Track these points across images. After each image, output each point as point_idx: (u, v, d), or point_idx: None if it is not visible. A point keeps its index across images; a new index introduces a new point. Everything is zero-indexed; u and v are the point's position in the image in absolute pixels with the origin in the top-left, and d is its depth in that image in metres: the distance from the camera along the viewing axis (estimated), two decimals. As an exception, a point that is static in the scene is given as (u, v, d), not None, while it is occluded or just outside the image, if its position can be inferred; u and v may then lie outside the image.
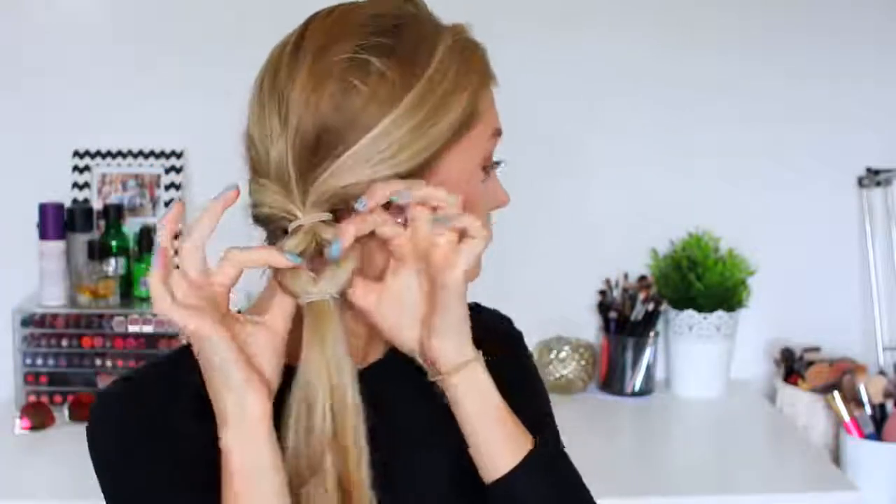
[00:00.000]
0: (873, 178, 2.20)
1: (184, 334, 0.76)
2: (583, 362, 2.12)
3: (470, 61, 0.83)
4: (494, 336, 0.92)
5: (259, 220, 0.83)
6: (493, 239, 0.88)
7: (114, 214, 2.01)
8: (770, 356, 2.23)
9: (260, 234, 0.84)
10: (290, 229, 0.79)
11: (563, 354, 2.12)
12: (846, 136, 2.20)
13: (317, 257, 0.80)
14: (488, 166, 0.86)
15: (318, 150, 0.79)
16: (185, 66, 2.06)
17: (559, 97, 2.13)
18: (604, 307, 2.16)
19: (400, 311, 0.83)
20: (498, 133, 0.86)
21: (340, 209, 0.80)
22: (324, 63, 0.79)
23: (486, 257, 0.90)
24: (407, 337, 0.84)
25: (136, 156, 2.08)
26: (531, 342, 2.02)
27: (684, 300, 2.13)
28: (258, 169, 0.81)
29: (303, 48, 0.81)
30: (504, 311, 1.06)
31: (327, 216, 0.79)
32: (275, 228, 0.82)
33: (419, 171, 0.80)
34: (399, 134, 0.79)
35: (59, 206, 1.97)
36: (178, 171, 2.08)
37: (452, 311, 0.81)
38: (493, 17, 2.10)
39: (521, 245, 2.13)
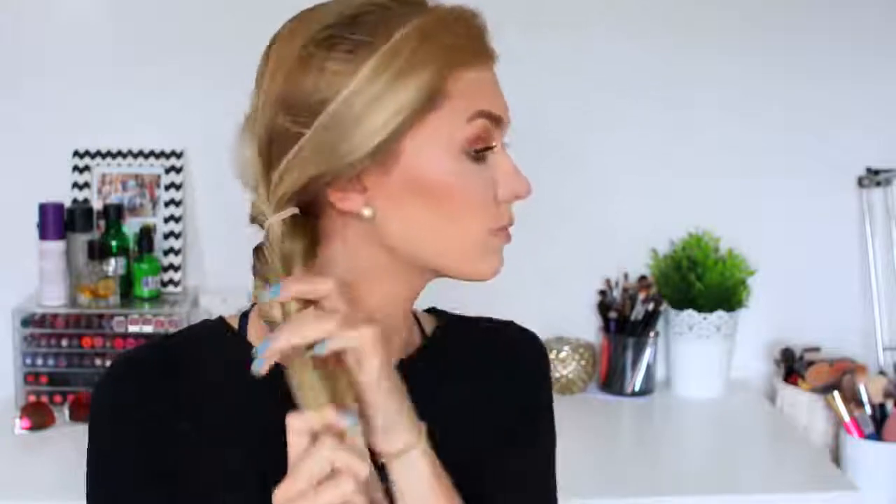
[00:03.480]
0: (873, 178, 2.20)
1: None
2: (583, 362, 2.12)
3: (437, 40, 0.78)
4: (508, 353, 0.91)
5: (253, 220, 0.84)
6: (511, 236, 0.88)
7: (114, 214, 2.01)
8: (770, 356, 2.23)
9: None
10: (265, 227, 0.80)
11: (563, 354, 2.11)
12: (846, 136, 2.20)
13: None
14: (476, 151, 0.81)
15: (271, 149, 0.79)
16: (185, 66, 2.06)
17: (560, 97, 2.13)
18: (604, 307, 2.16)
19: None
20: (483, 115, 0.80)
21: (310, 202, 0.80)
22: (279, 63, 0.79)
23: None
24: None
25: (136, 156, 2.08)
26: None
27: (684, 300, 2.13)
28: (239, 172, 0.83)
29: (269, 52, 0.82)
30: (504, 310, 1.04)
31: (291, 212, 0.79)
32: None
33: (379, 157, 0.78)
34: (345, 119, 0.77)
35: (59, 206, 1.96)
36: (178, 171, 2.08)
37: (376, 406, 0.76)
38: (496, 19, 2.10)
39: (521, 245, 2.13)
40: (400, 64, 0.77)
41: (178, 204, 2.08)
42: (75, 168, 2.07)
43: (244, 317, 0.89)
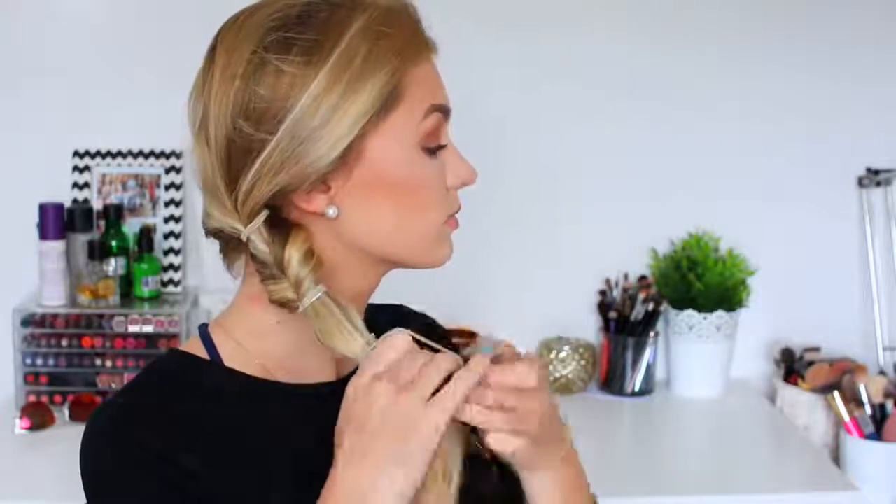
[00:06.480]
0: (873, 178, 2.20)
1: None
2: (583, 362, 2.12)
3: (389, 39, 0.79)
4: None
5: (209, 231, 0.84)
6: (460, 224, 0.88)
7: (114, 214, 2.01)
8: (770, 356, 2.23)
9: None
10: (244, 239, 0.80)
11: (563, 354, 2.11)
12: (846, 136, 2.20)
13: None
14: (431, 147, 0.82)
15: (232, 159, 0.79)
16: (186, 66, 2.04)
17: (559, 97, 2.13)
18: (604, 307, 2.16)
19: None
20: (437, 109, 0.82)
21: (279, 204, 0.80)
22: (229, 70, 0.79)
23: (486, 257, 0.90)
24: None
25: (136, 156, 2.08)
26: (532, 342, 2.01)
27: (684, 300, 2.13)
28: (199, 181, 0.82)
29: (214, 56, 0.81)
30: (505, 310, 1.04)
31: (262, 218, 0.79)
32: (225, 239, 0.84)
33: (343, 160, 0.78)
34: (309, 127, 0.77)
35: (59, 206, 1.96)
36: (178, 171, 2.08)
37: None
38: (485, 21, 2.10)
39: (521, 245, 2.13)
40: (357, 67, 0.77)
41: (178, 204, 2.08)
42: (75, 168, 2.07)
43: (208, 342, 0.86)
